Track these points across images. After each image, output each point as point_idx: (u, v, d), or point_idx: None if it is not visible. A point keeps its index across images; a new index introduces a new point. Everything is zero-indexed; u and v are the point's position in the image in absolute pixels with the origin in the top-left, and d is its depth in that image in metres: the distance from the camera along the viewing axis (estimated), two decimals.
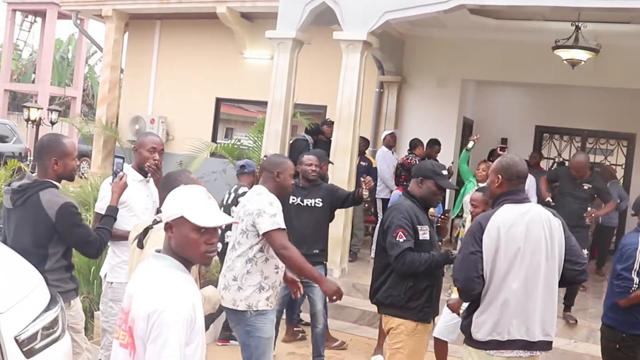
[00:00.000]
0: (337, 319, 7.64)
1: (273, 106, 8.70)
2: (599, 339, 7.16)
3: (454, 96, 11.68)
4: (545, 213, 3.77)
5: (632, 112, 12.40)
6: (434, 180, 4.32)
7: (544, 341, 3.71)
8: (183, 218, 2.44)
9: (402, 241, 4.13)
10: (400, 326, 4.24)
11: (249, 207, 4.35)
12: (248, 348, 4.36)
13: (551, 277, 3.70)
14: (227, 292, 4.34)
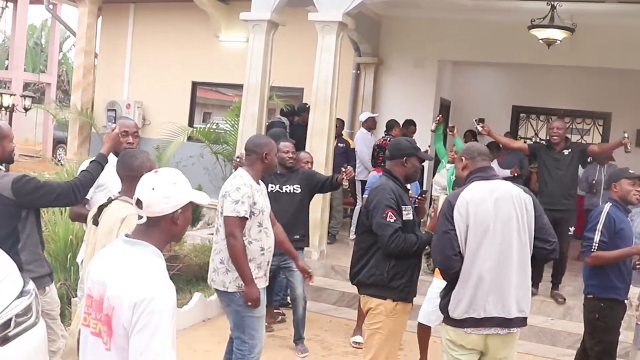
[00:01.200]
0: (316, 301, 7.65)
1: (249, 89, 8.64)
2: (575, 316, 7.33)
3: (430, 77, 11.67)
4: (516, 190, 3.79)
5: (608, 91, 12.49)
6: (416, 156, 4.34)
7: (519, 318, 3.74)
8: (190, 202, 2.50)
9: (392, 221, 4.12)
10: (380, 306, 4.25)
11: (223, 189, 4.43)
12: (240, 327, 4.44)
13: (524, 253, 3.72)
14: (217, 275, 4.45)
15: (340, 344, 6.53)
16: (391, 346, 4.27)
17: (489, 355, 3.81)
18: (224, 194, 4.37)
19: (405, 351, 6.41)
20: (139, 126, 4.74)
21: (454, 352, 3.86)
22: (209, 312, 6.99)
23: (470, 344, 3.78)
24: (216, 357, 5.95)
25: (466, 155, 3.95)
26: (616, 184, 4.90)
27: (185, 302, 6.84)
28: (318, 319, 7.13)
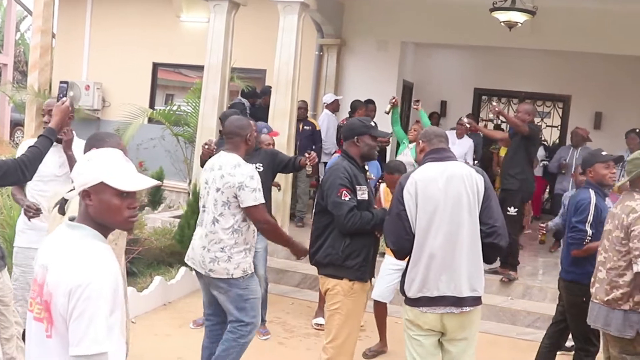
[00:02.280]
0: (278, 284, 7.65)
1: (210, 70, 8.54)
2: (535, 295, 7.43)
3: (393, 59, 11.66)
4: (467, 169, 3.81)
5: (568, 74, 12.64)
6: (368, 134, 4.30)
7: (471, 297, 3.75)
8: (103, 184, 2.31)
9: (347, 199, 4.12)
10: (337, 287, 4.24)
11: (229, 179, 4.33)
12: (243, 310, 4.45)
13: (475, 232, 3.73)
14: (217, 264, 4.39)
15: (302, 326, 6.53)
16: (351, 326, 4.27)
17: (448, 335, 3.83)
18: (238, 185, 4.28)
19: (367, 332, 6.43)
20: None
21: (412, 332, 3.88)
22: (170, 295, 6.93)
23: (426, 324, 3.80)
24: (177, 340, 5.92)
25: (423, 139, 3.98)
26: (591, 169, 4.88)
27: (145, 285, 6.77)
28: (280, 301, 7.12)
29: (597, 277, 4.30)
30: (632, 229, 4.01)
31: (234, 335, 4.51)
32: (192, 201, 7.61)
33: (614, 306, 4.12)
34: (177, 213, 9.28)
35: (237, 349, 4.51)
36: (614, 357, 4.25)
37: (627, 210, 4.09)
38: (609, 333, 4.18)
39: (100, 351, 2.17)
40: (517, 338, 6.73)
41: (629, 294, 4.07)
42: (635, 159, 4.22)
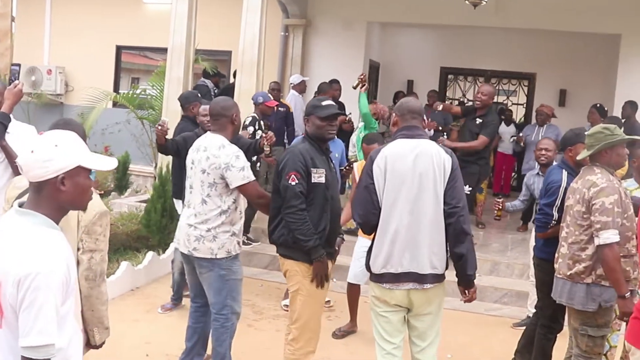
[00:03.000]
0: (247, 266, 7.60)
1: (173, 52, 8.41)
2: (502, 271, 7.51)
3: (359, 39, 11.62)
4: (437, 148, 3.79)
5: (533, 52, 12.73)
6: (314, 115, 4.24)
7: (432, 274, 3.75)
8: (79, 167, 2.26)
9: (294, 184, 4.09)
10: (294, 267, 4.23)
11: (214, 161, 4.30)
12: (222, 292, 4.43)
13: (439, 211, 3.72)
14: (202, 243, 4.37)
15: (272, 308, 6.52)
16: (313, 306, 4.25)
17: (414, 311, 3.84)
18: (225, 166, 4.25)
19: (336, 312, 6.46)
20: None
21: (379, 308, 3.88)
22: (138, 281, 6.86)
23: (393, 299, 3.81)
24: (145, 326, 5.87)
25: (397, 112, 3.94)
26: (572, 148, 4.84)
27: (112, 271, 6.69)
28: (249, 284, 7.08)
29: (560, 252, 4.34)
30: (593, 203, 4.05)
31: (218, 323, 4.51)
32: (158, 185, 7.53)
33: (576, 280, 4.17)
34: (144, 197, 9.19)
35: (227, 334, 4.52)
36: (575, 330, 4.31)
37: (587, 185, 4.13)
38: (572, 307, 4.24)
39: (47, 342, 2.11)
40: (485, 314, 6.79)
41: (591, 267, 4.12)
42: (595, 132, 4.24)
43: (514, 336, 5.35)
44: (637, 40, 10.32)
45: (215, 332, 4.52)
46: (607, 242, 3.97)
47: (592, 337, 4.22)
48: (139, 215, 7.93)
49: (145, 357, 5.20)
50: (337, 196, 4.37)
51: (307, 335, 4.24)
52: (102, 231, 3.06)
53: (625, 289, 4.03)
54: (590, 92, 11.90)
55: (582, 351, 4.27)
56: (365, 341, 5.73)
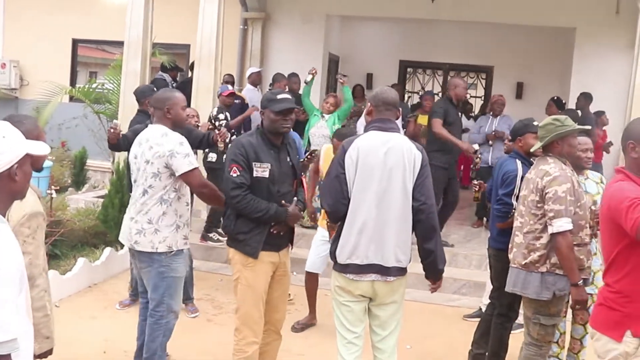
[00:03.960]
0: (207, 260, 7.59)
1: (130, 45, 8.32)
2: (460, 262, 7.60)
3: (318, 32, 11.61)
4: (409, 144, 3.79)
5: (490, 45, 12.89)
6: (268, 109, 4.21)
7: (396, 267, 3.78)
8: (27, 155, 2.26)
9: (235, 176, 4.07)
10: (235, 256, 4.23)
11: (158, 149, 4.23)
12: (159, 289, 4.36)
13: (406, 206, 3.74)
14: (143, 236, 4.29)
15: (232, 302, 6.43)
16: (252, 296, 4.20)
17: (377, 301, 3.86)
18: (169, 154, 4.18)
19: (296, 305, 6.46)
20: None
21: (342, 297, 3.89)
22: (95, 277, 6.77)
23: (358, 289, 3.82)
24: (103, 322, 5.81)
25: (373, 102, 3.91)
26: (521, 138, 4.91)
27: (69, 268, 6.60)
28: (209, 278, 7.07)
29: (515, 242, 4.40)
30: (546, 192, 4.11)
31: (153, 319, 4.44)
32: (116, 180, 7.44)
33: (531, 269, 4.23)
34: (102, 193, 9.05)
35: (160, 331, 4.43)
36: (528, 319, 4.38)
37: (541, 174, 4.19)
38: (527, 296, 4.30)
39: (10, 338, 2.08)
40: (444, 305, 6.87)
41: (545, 256, 4.18)
42: (547, 124, 4.31)
43: (471, 327, 5.41)
44: (591, 33, 10.53)
45: (149, 328, 4.45)
46: (560, 230, 4.05)
47: (544, 325, 4.30)
48: (96, 210, 7.82)
49: (103, 355, 5.14)
50: (286, 190, 4.27)
51: (248, 326, 4.20)
52: (31, 233, 2.94)
53: (578, 276, 4.11)
54: (546, 84, 12.09)
55: (534, 339, 4.35)
56: (324, 333, 5.75)
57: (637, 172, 3.11)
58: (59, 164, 10.55)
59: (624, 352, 3.09)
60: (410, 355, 5.49)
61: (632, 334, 3.08)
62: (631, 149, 3.12)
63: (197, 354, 5.24)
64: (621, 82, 9.75)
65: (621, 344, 3.09)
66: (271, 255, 4.23)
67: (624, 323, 3.09)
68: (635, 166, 3.12)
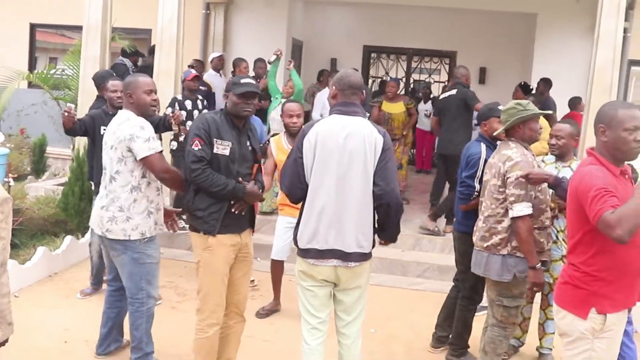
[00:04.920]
0: (170, 247, 7.50)
1: (89, 30, 8.12)
2: (424, 246, 7.65)
3: (281, 17, 11.54)
4: (370, 128, 3.73)
5: (453, 30, 12.94)
6: (231, 92, 4.20)
7: (358, 253, 3.74)
8: None
9: (196, 149, 4.06)
10: (196, 239, 4.22)
11: (119, 134, 4.20)
12: (136, 276, 4.34)
13: (367, 191, 3.70)
14: (114, 224, 4.26)
15: (195, 289, 6.40)
16: (212, 279, 4.20)
17: (341, 286, 3.83)
18: (129, 137, 4.14)
19: (261, 291, 6.44)
20: None
21: (305, 282, 3.86)
22: (55, 266, 6.66)
23: (321, 274, 3.79)
24: (64, 312, 5.71)
25: (337, 85, 3.84)
26: (486, 123, 4.94)
27: (28, 257, 6.47)
28: (172, 265, 6.99)
29: (478, 225, 4.44)
30: (508, 176, 4.15)
31: (133, 307, 4.43)
32: (75, 167, 7.30)
33: (493, 251, 4.28)
34: (62, 181, 8.91)
35: (143, 318, 4.43)
36: (492, 301, 4.43)
37: (503, 159, 4.23)
38: (489, 278, 4.35)
39: None
40: (408, 289, 6.90)
41: (506, 239, 4.23)
42: (509, 108, 4.34)
43: (435, 310, 5.44)
44: (552, 19, 10.64)
45: (131, 317, 4.44)
46: (520, 215, 4.10)
47: (507, 307, 4.35)
48: (56, 199, 7.68)
49: (64, 344, 5.06)
50: (245, 172, 4.25)
51: (209, 307, 4.20)
52: (4, 218, 2.91)
53: (536, 260, 4.16)
54: (509, 69, 12.20)
55: (498, 321, 4.41)
56: (289, 319, 5.74)
57: (606, 155, 3.16)
58: (18, 152, 10.34)
59: (590, 328, 3.15)
60: (374, 339, 5.51)
61: (596, 311, 3.13)
62: (601, 133, 3.17)
63: (161, 341, 5.18)
64: (581, 66, 9.88)
65: (587, 321, 3.15)
66: (231, 237, 4.21)
67: (589, 301, 3.15)
68: (605, 149, 3.17)
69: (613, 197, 2.95)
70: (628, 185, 3.19)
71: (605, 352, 3.18)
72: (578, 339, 3.20)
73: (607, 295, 3.13)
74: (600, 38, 7.16)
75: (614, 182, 3.07)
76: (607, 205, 2.92)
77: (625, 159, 3.19)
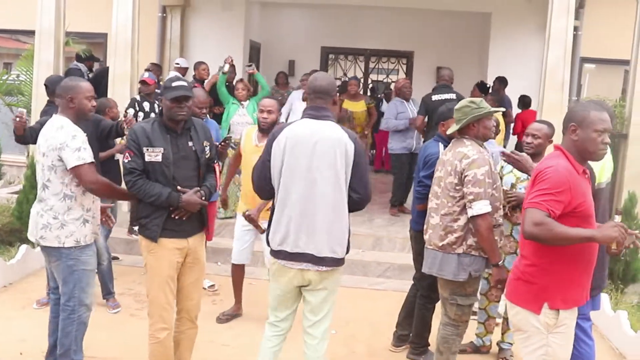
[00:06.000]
0: (129, 254, 7.42)
1: (42, 34, 8.01)
2: (384, 246, 7.68)
3: (239, 19, 11.51)
4: (340, 133, 3.74)
5: (410, 31, 13.03)
6: (164, 96, 4.17)
7: (331, 257, 3.76)
8: None
9: (126, 162, 4.10)
10: (142, 242, 4.23)
11: (52, 141, 4.12)
12: (69, 282, 4.27)
13: (339, 196, 3.71)
14: (49, 231, 4.19)
15: None
16: (157, 282, 4.18)
17: (309, 286, 3.86)
18: (60, 146, 4.07)
19: (221, 295, 6.41)
20: None
21: (275, 281, 3.93)
22: (11, 276, 6.53)
23: (289, 275, 3.84)
24: (20, 323, 5.61)
25: (308, 90, 3.89)
26: (445, 123, 4.94)
27: None
28: (131, 272, 6.91)
29: (430, 223, 4.46)
30: (465, 174, 4.18)
31: (65, 313, 4.35)
32: (30, 175, 7.17)
33: (448, 250, 4.31)
34: (17, 189, 8.73)
35: (73, 326, 4.34)
36: (445, 299, 4.46)
37: (459, 157, 4.25)
38: (444, 277, 4.38)
39: None
40: (369, 289, 6.94)
41: (462, 238, 4.26)
42: (462, 107, 4.38)
43: (396, 309, 5.47)
44: (506, 18, 10.79)
45: (62, 322, 4.36)
46: (480, 213, 4.13)
47: (461, 305, 4.39)
48: (11, 207, 7.54)
49: (19, 356, 4.97)
50: (187, 175, 4.20)
51: (157, 311, 4.20)
52: None
53: (498, 257, 4.23)
54: (465, 68, 12.29)
55: (451, 319, 4.44)
56: (250, 323, 5.72)
57: (574, 153, 3.24)
58: None
59: (544, 323, 3.22)
60: (336, 340, 5.51)
61: (549, 306, 3.19)
62: (572, 132, 3.24)
63: (120, 349, 5.12)
64: (535, 65, 10.03)
65: (540, 315, 3.22)
66: (176, 241, 4.19)
67: (541, 296, 3.22)
68: (573, 148, 3.25)
69: (559, 203, 3.06)
70: (588, 184, 3.28)
71: (560, 346, 3.25)
72: (533, 334, 3.26)
73: (558, 291, 3.20)
74: (551, 37, 7.29)
75: (577, 181, 3.15)
76: (547, 206, 3.03)
77: (590, 159, 3.29)
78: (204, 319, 4.74)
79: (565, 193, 3.07)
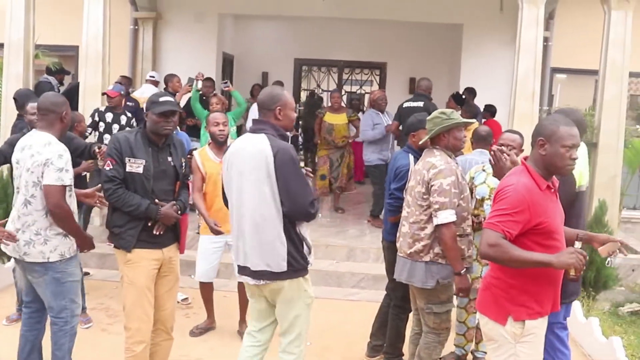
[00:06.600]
0: (101, 268, 7.36)
1: (11, 47, 7.94)
2: (358, 256, 7.69)
3: (211, 31, 11.51)
4: (262, 145, 3.67)
5: (383, 42, 13.13)
6: (150, 111, 4.20)
7: (267, 271, 3.76)
8: None
9: (107, 169, 4.13)
10: (118, 255, 4.27)
11: (38, 157, 4.09)
12: (59, 295, 4.25)
13: (265, 209, 3.68)
14: (32, 247, 4.16)
15: None
16: (134, 294, 4.20)
17: (270, 299, 3.93)
18: (45, 162, 4.04)
19: (194, 309, 6.36)
20: None
21: (249, 295, 4.06)
22: None
23: (249, 288, 3.98)
24: None
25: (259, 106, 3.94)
26: (415, 134, 4.91)
27: None
28: (103, 287, 6.84)
29: (401, 231, 4.50)
30: (432, 184, 4.22)
31: (57, 326, 4.33)
32: (0, 190, 7.07)
33: (416, 258, 4.34)
34: None
35: (66, 337, 4.35)
36: (421, 310, 4.49)
37: (427, 166, 4.30)
38: (414, 285, 4.40)
39: None
40: (344, 299, 6.93)
41: (429, 246, 4.30)
42: (433, 117, 4.42)
43: (370, 319, 5.47)
44: (477, 29, 10.91)
45: (54, 336, 4.35)
46: (445, 222, 4.17)
47: (438, 313, 4.42)
48: None
49: None
50: (164, 189, 4.25)
51: (134, 324, 4.22)
52: None
53: (461, 266, 4.25)
54: (437, 79, 12.30)
55: (431, 328, 4.47)
56: (224, 337, 5.69)
57: (540, 167, 3.25)
58: None
59: (511, 332, 3.24)
60: (311, 351, 5.46)
61: (513, 318, 3.21)
62: (540, 146, 3.25)
63: None
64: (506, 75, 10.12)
65: (506, 326, 3.23)
66: (152, 252, 4.23)
67: (506, 307, 3.24)
68: (541, 162, 3.25)
69: (517, 224, 3.09)
70: (553, 199, 3.28)
71: (528, 355, 3.26)
72: (502, 344, 3.28)
73: (522, 304, 3.23)
74: (521, 48, 7.39)
75: (537, 198, 3.15)
76: (503, 227, 3.07)
77: (557, 173, 3.29)
78: (177, 333, 4.71)
79: (524, 212, 3.09)
